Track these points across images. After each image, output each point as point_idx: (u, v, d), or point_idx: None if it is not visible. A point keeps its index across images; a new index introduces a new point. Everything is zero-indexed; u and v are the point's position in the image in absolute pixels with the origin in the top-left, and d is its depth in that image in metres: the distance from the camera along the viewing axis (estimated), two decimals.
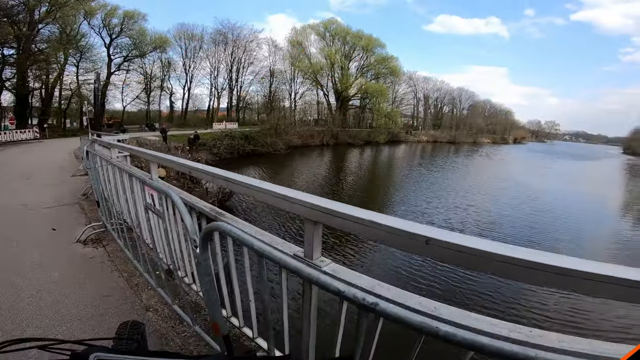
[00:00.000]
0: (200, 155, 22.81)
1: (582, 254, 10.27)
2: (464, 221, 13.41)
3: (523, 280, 0.84)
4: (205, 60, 47.31)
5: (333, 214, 1.20)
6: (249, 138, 30.86)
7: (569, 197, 21.34)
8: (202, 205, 2.23)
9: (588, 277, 0.75)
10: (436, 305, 1.10)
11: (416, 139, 67.43)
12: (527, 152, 63.48)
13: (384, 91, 57.28)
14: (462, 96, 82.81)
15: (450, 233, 0.97)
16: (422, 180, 23.64)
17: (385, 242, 1.08)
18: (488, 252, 0.86)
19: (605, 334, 5.67)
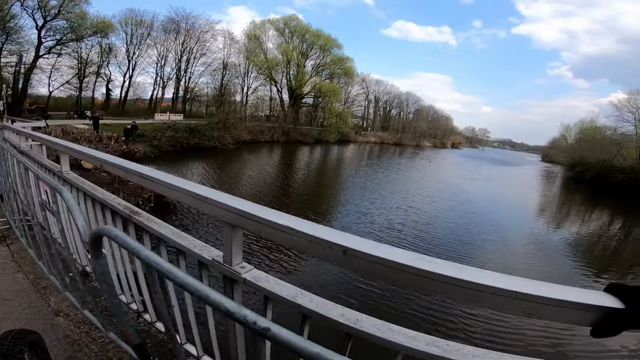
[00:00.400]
0: (137, 147, 21.11)
1: (505, 254, 11.42)
2: (404, 222, 14.00)
3: (440, 294, 0.83)
4: (152, 48, 43.93)
5: (249, 217, 1.11)
6: (194, 131, 29.23)
7: (495, 200, 23.65)
8: (115, 202, 1.98)
9: (495, 292, 0.75)
10: (358, 317, 1.08)
11: (365, 139, 69.76)
12: (462, 157, 69.10)
13: (337, 91, 58.31)
14: (409, 100, 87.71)
15: (368, 243, 0.92)
16: (368, 181, 24.42)
17: (304, 251, 1.01)
18: (404, 265, 0.83)
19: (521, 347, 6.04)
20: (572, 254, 13.36)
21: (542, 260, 11.84)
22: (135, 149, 20.27)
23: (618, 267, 12.76)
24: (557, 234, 16.18)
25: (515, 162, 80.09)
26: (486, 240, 12.93)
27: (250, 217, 1.10)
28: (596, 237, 16.89)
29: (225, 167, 22.77)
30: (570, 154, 56.87)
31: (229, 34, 49.02)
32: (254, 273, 1.28)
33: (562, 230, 17.17)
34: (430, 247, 11.25)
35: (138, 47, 42.96)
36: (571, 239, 15.69)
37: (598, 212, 25.28)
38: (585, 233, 17.42)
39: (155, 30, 43.62)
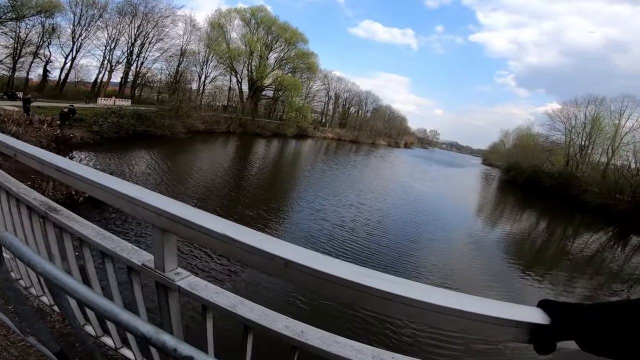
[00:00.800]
0: (74, 132, 19.12)
1: (448, 252, 12.16)
2: (356, 219, 14.26)
3: (378, 310, 0.80)
4: (103, 30, 39.92)
5: (182, 223, 0.99)
6: (142, 118, 27.17)
7: (440, 200, 25.18)
8: (30, 197, 1.71)
9: (436, 310, 0.74)
10: (304, 329, 1.03)
11: (323, 135, 70.30)
12: (413, 157, 72.61)
13: (299, 86, 57.93)
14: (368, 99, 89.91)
15: (311, 255, 0.88)
16: (323, 177, 24.62)
17: (242, 261, 0.93)
18: (342, 279, 0.80)
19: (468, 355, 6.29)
20: (505, 251, 14.67)
21: (480, 257, 12.83)
22: (71, 134, 18.33)
23: (542, 263, 14.28)
24: (492, 233, 17.65)
25: (460, 164, 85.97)
26: (432, 240, 13.62)
27: (184, 222, 0.99)
28: (525, 237, 18.74)
29: (174, 157, 21.47)
30: (507, 159, 62.44)
31: (191, 20, 46.26)
32: (190, 280, 1.18)
33: (496, 230, 18.77)
34: (379, 246, 11.45)
35: (86, 29, 38.93)
36: (504, 237, 17.22)
37: (528, 213, 28.07)
38: (516, 232, 19.25)
39: (108, 12, 39.81)
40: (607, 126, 42.53)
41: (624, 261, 17.10)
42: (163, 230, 1.09)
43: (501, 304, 0.76)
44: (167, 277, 1.16)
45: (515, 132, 71.31)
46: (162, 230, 1.09)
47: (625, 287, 13.04)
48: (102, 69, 41.55)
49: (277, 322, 1.06)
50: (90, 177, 1.24)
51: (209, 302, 1.13)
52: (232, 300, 1.14)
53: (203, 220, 0.99)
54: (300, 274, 0.84)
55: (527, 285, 11.08)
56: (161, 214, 1.04)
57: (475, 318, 0.73)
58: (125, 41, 41.73)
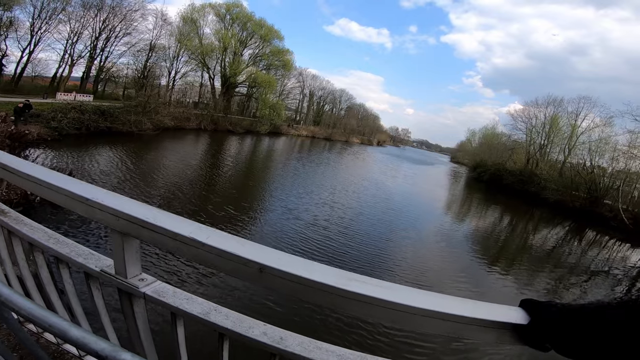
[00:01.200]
0: (30, 128, 17.77)
1: (420, 249, 12.44)
2: (329, 218, 14.20)
3: (360, 315, 0.77)
4: (65, 23, 37.15)
5: (143, 225, 0.91)
6: (105, 114, 25.72)
7: (412, 197, 25.87)
8: None
9: (419, 313, 0.72)
10: (283, 335, 0.98)
11: (297, 132, 70.04)
12: (385, 155, 73.98)
13: (273, 83, 57.19)
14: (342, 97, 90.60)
15: (287, 259, 0.83)
16: (297, 175, 24.47)
17: (213, 267, 0.86)
18: (322, 284, 0.75)
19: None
20: (473, 247, 15.30)
21: (450, 254, 13.28)
22: (27, 130, 17.00)
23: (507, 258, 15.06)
24: (460, 229, 18.33)
25: (429, 161, 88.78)
26: (405, 237, 13.88)
27: (145, 225, 0.91)
28: (490, 232, 19.65)
29: (139, 155, 20.47)
30: (473, 157, 65.31)
31: (162, 15, 44.22)
32: (156, 287, 1.09)
33: (464, 226, 19.54)
34: (352, 245, 11.43)
35: (46, 22, 36.14)
36: (472, 233, 17.96)
37: (492, 209, 29.49)
38: (483, 228, 20.14)
39: (72, 5, 37.14)
40: (565, 126, 45.42)
41: (581, 254, 18.34)
42: (122, 234, 0.99)
43: (482, 305, 0.75)
44: (130, 284, 1.07)
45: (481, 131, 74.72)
46: (122, 234, 0.99)
47: (584, 278, 13.96)
48: (62, 63, 38.81)
49: (254, 328, 1.01)
50: (40, 176, 1.11)
51: (178, 309, 1.05)
52: (205, 307, 1.07)
53: (167, 222, 0.91)
54: (276, 280, 0.79)
55: (493, 280, 11.59)
56: (120, 216, 0.95)
57: (457, 320, 0.72)
58: (89, 35, 39.27)
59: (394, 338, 6.48)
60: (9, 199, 7.94)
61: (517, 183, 41.29)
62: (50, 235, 1.27)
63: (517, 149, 50.48)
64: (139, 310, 1.12)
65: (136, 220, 0.91)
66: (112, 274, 1.07)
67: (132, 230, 0.94)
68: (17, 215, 1.41)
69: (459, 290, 9.69)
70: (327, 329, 6.29)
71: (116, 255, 1.04)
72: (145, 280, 1.09)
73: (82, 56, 39.76)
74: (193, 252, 0.86)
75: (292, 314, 6.52)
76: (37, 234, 1.27)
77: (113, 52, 41.75)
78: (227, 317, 1.03)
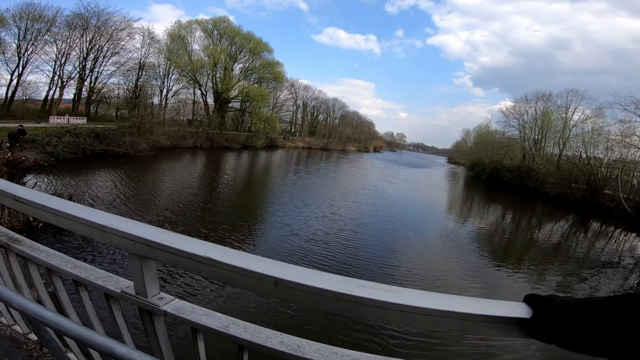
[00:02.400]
0: (26, 154, 17.81)
1: (426, 256, 12.30)
2: (330, 232, 13.70)
3: (374, 320, 0.81)
4: (51, 45, 37.64)
5: (159, 248, 0.95)
6: (101, 136, 25.80)
7: (412, 202, 25.83)
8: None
9: (430, 314, 0.76)
10: (300, 343, 1.03)
11: (293, 144, 70.32)
12: (383, 161, 74.30)
13: (266, 96, 57.56)
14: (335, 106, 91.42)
15: (301, 271, 0.88)
16: (295, 189, 24.30)
17: (230, 283, 0.90)
18: (335, 292, 0.80)
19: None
20: (478, 247, 15.23)
21: (456, 256, 13.15)
22: (23, 156, 17.04)
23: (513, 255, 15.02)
24: (464, 230, 18.24)
25: (427, 164, 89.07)
26: (410, 246, 13.50)
27: (162, 247, 0.96)
28: (494, 230, 19.64)
29: (137, 177, 20.47)
30: (470, 156, 65.71)
31: (149, 33, 44.73)
32: (176, 304, 1.13)
33: (467, 226, 19.45)
34: (356, 259, 11.09)
35: (32, 44, 36.57)
36: (476, 233, 17.89)
37: (494, 207, 29.56)
38: (486, 227, 20.11)
39: (57, 26, 37.69)
40: (556, 120, 45.95)
41: (588, 246, 18.23)
42: (140, 257, 1.04)
43: (489, 302, 0.79)
44: (151, 303, 1.12)
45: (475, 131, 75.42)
46: (140, 257, 1.04)
47: (595, 270, 13.80)
48: (52, 86, 39.13)
49: (272, 338, 1.05)
50: (55, 206, 1.16)
51: (198, 324, 1.10)
52: (224, 320, 1.11)
53: (183, 244, 0.96)
54: (291, 291, 0.84)
55: (502, 278, 11.54)
56: (136, 240, 1.00)
57: (466, 318, 0.76)
58: (77, 55, 39.67)
59: (407, 340, 6.49)
60: (12, 226, 7.94)
61: (516, 179, 41.47)
62: (67, 261, 1.31)
63: (512, 145, 50.88)
64: (159, 327, 1.16)
65: (152, 243, 0.96)
66: (133, 294, 1.11)
67: (149, 253, 0.99)
68: (32, 242, 1.45)
69: (472, 289, 9.69)
70: (340, 336, 6.31)
71: (135, 277, 1.08)
72: (165, 299, 1.13)
73: (72, 77, 40.11)
74: (210, 271, 0.91)
75: (306, 324, 6.55)
76: (55, 260, 1.31)
77: (102, 72, 42.16)
78: (245, 329, 1.07)
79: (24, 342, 1.71)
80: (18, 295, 0.66)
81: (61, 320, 0.61)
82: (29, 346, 1.73)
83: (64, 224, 1.11)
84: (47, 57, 38.01)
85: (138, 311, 1.17)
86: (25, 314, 0.64)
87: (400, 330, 6.61)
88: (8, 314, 1.75)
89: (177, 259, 0.93)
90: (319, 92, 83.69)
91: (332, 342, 1.06)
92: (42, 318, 0.61)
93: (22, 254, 1.38)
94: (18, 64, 36.19)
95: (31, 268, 1.43)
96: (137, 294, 1.12)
